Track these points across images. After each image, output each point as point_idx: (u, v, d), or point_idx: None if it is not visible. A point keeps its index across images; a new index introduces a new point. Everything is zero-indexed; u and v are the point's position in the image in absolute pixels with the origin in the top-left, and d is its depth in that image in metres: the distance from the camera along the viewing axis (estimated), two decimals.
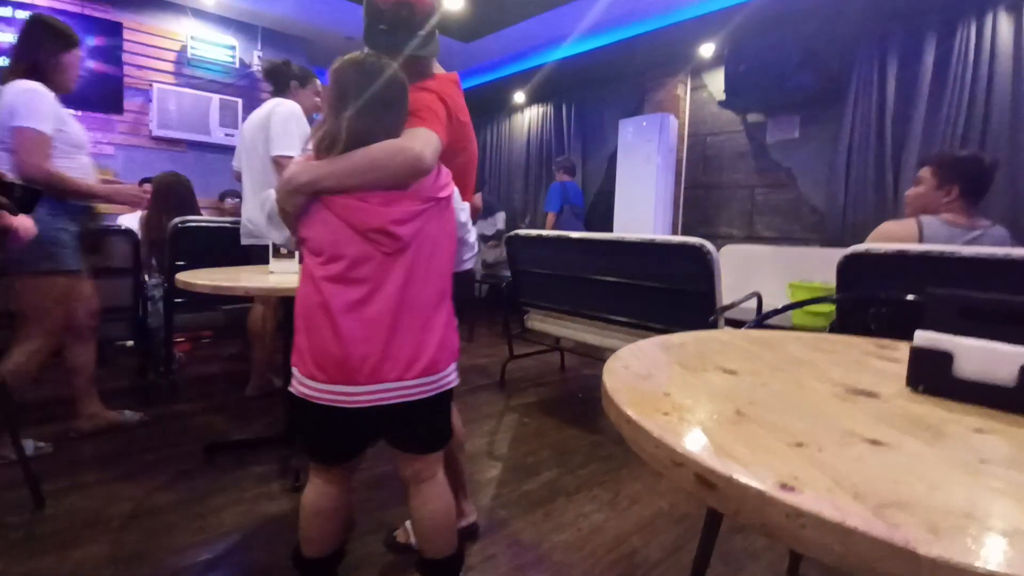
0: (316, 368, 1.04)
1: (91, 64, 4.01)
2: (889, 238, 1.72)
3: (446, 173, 1.15)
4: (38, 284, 1.91)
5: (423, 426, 1.15)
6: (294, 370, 1.08)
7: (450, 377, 1.14)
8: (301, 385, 1.07)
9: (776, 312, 1.63)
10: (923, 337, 0.65)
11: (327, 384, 1.03)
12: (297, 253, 1.77)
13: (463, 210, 1.22)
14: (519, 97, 6.19)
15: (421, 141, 1.07)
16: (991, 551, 0.33)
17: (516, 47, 5.18)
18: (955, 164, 1.75)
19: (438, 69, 1.37)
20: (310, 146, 1.09)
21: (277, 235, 1.15)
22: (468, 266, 1.28)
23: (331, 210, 1.04)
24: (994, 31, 3.15)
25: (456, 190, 1.19)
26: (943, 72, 3.35)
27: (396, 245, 1.04)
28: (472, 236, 1.29)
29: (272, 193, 1.11)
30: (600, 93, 5.54)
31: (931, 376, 0.64)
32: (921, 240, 1.67)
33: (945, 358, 0.63)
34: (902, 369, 0.68)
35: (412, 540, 1.42)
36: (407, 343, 1.05)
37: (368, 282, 1.04)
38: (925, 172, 1.81)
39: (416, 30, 1.26)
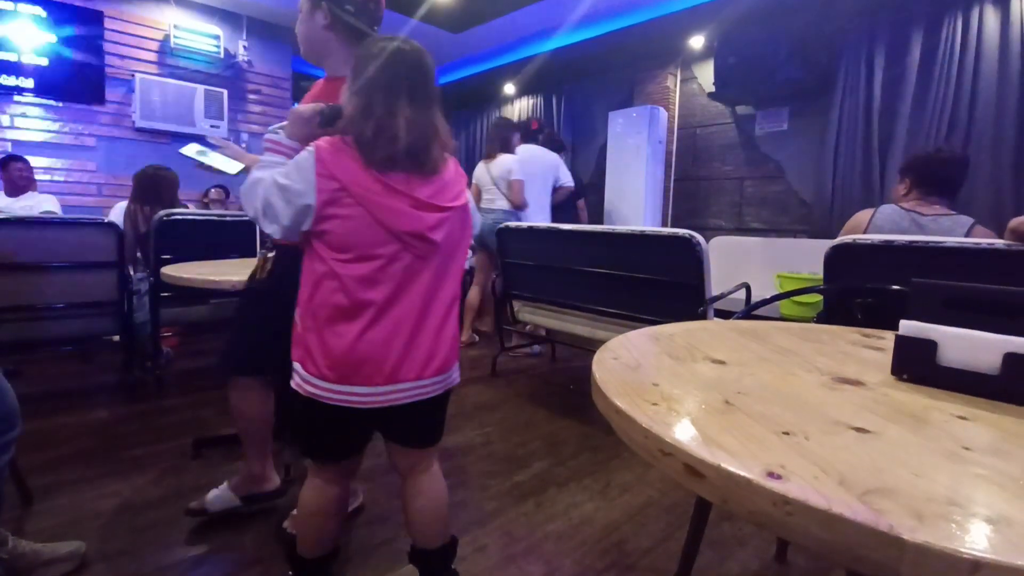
0: (328, 368, 1.00)
1: (72, 54, 3.93)
2: (852, 225, 1.89)
3: (462, 180, 1.15)
4: None
5: (428, 422, 1.17)
6: (298, 366, 1.05)
7: (457, 373, 1.16)
8: (308, 384, 1.02)
9: (764, 302, 1.65)
10: (908, 326, 0.65)
11: (339, 384, 1.00)
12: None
13: None
14: (509, 88, 6.16)
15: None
16: (975, 537, 0.33)
17: (506, 38, 5.14)
18: (910, 160, 1.90)
19: None
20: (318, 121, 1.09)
21: (270, 227, 1.03)
22: None
23: (366, 208, 0.99)
24: (980, 24, 3.18)
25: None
26: (929, 66, 3.37)
27: (430, 249, 1.05)
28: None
29: (264, 177, 1.01)
30: (590, 85, 5.52)
31: (916, 365, 0.65)
32: (870, 223, 1.82)
33: (929, 347, 0.63)
34: (887, 358, 0.69)
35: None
36: (425, 343, 1.06)
37: (394, 281, 1.03)
38: None
39: (375, 24, 1.37)
